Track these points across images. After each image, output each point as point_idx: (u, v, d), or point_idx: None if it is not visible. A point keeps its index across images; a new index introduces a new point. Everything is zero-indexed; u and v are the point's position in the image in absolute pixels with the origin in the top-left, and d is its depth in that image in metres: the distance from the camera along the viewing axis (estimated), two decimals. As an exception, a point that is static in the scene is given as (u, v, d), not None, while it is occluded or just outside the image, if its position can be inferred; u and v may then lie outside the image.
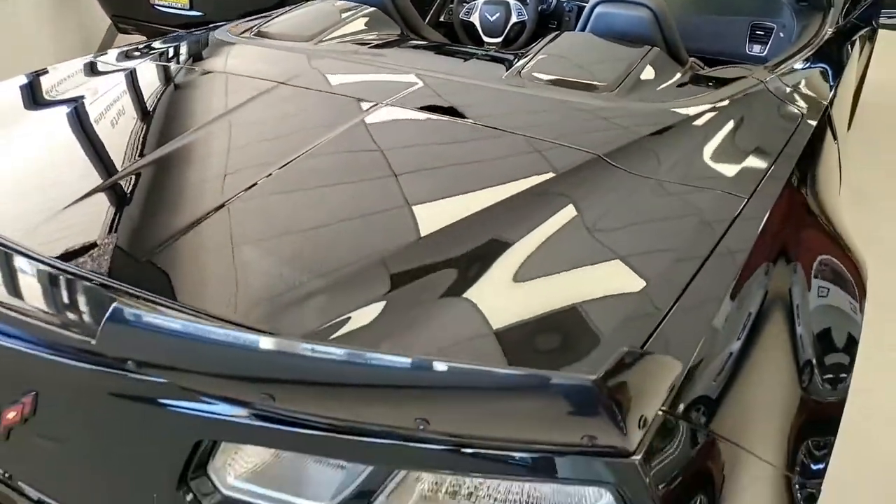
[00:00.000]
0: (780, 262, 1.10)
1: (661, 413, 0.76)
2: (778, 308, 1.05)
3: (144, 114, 1.46)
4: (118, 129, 1.37)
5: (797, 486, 1.00)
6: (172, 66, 1.70)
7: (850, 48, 2.22)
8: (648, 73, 1.51)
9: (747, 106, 1.44)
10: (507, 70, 1.58)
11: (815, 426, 1.05)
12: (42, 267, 0.96)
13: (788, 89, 1.59)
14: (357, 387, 0.70)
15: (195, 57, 1.77)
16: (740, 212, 1.09)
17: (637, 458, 0.71)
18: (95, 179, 1.20)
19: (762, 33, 2.43)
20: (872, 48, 3.47)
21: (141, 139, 1.32)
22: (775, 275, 1.07)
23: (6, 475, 1.01)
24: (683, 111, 1.38)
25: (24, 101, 1.54)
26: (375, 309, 0.89)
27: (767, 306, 1.02)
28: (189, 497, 0.86)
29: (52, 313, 0.90)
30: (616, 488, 0.72)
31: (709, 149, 1.27)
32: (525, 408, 0.67)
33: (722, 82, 1.56)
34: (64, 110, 1.45)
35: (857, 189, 3.18)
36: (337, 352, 0.69)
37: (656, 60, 1.56)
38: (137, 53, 1.79)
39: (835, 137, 1.67)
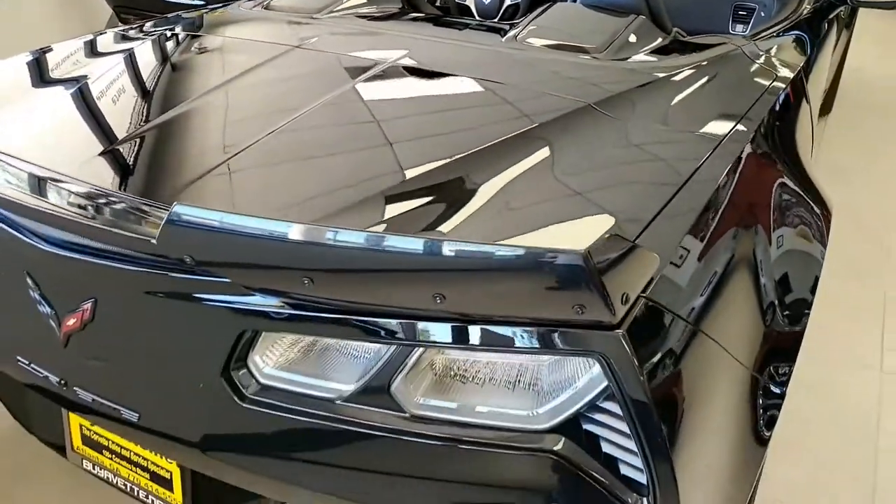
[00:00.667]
0: (747, 201, 1.23)
1: (642, 297, 0.88)
2: (744, 236, 1.18)
3: (175, 71, 1.60)
4: (155, 84, 1.51)
5: (761, 392, 1.13)
6: (200, 33, 1.85)
7: (826, 25, 2.36)
8: (633, 38, 1.65)
9: (722, 66, 1.57)
10: (503, 37, 1.71)
11: (777, 353, 1.19)
12: (102, 190, 1.09)
13: (763, 54, 1.72)
14: (384, 270, 0.83)
15: (215, 26, 1.90)
16: (713, 151, 1.22)
17: (620, 331, 0.84)
18: (141, 122, 1.34)
19: (744, 13, 2.57)
20: (852, 30, 3.62)
21: (175, 91, 1.45)
22: (742, 211, 1.20)
23: (62, 382, 1.13)
24: (664, 69, 1.52)
25: (78, 61, 1.67)
26: (403, 209, 1.03)
27: (735, 234, 1.15)
28: (231, 385, 0.98)
29: (112, 226, 1.03)
30: (601, 357, 0.84)
31: (687, 100, 1.40)
32: (524, 280, 0.79)
33: (701, 48, 1.69)
34: (108, 68, 1.60)
35: (834, 164, 3.34)
36: (366, 237, 0.81)
37: (641, 27, 1.69)
38: (161, 26, 1.92)
39: (808, 102, 1.80)
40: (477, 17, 2.78)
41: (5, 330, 1.21)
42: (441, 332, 0.87)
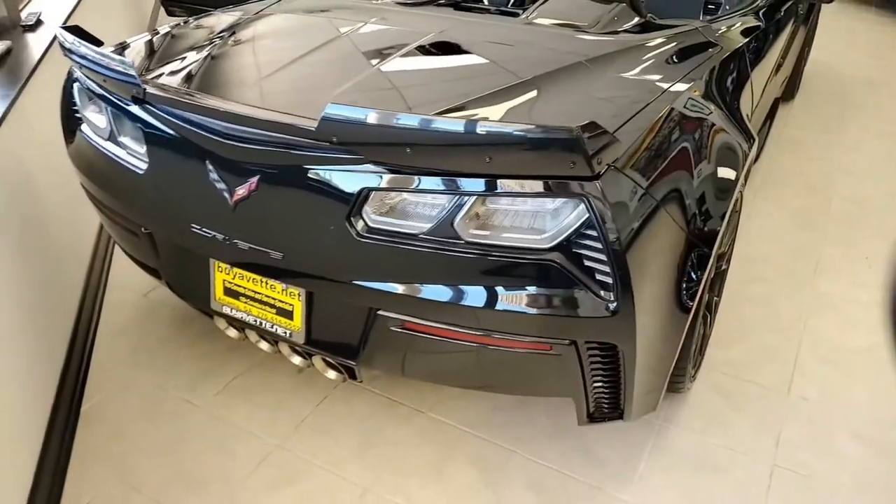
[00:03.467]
0: (685, 125, 1.78)
1: (611, 165, 1.43)
2: (681, 146, 1.73)
3: (286, 35, 2.22)
4: (281, 39, 2.17)
5: (689, 263, 1.67)
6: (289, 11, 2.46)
7: (778, 14, 2.91)
8: (615, 19, 2.20)
9: (681, 39, 2.14)
10: (517, 18, 2.27)
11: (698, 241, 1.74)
12: (270, 112, 1.64)
13: (715, 32, 2.28)
14: (457, 144, 1.38)
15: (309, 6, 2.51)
16: (664, 91, 1.77)
17: (598, 182, 1.38)
18: (282, 62, 1.95)
19: (713, 6, 3.13)
20: (812, 25, 4.18)
21: (297, 44, 2.07)
22: (681, 130, 1.75)
23: (227, 238, 1.68)
24: (636, 40, 2.08)
25: (211, 31, 2.27)
26: (471, 111, 1.64)
27: (673, 143, 1.71)
28: (350, 227, 1.53)
29: (280, 121, 1.59)
30: (585, 198, 1.39)
31: (651, 59, 1.97)
32: (540, 146, 1.34)
33: (667, 27, 2.25)
34: (243, 31, 2.23)
35: (792, 138, 3.89)
36: (448, 122, 1.36)
37: (622, 11, 2.25)
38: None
39: (749, 68, 2.36)
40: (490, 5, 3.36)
41: (184, 206, 1.76)
42: (486, 185, 1.43)
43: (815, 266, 2.84)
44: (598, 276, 1.46)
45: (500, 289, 1.48)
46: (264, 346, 1.98)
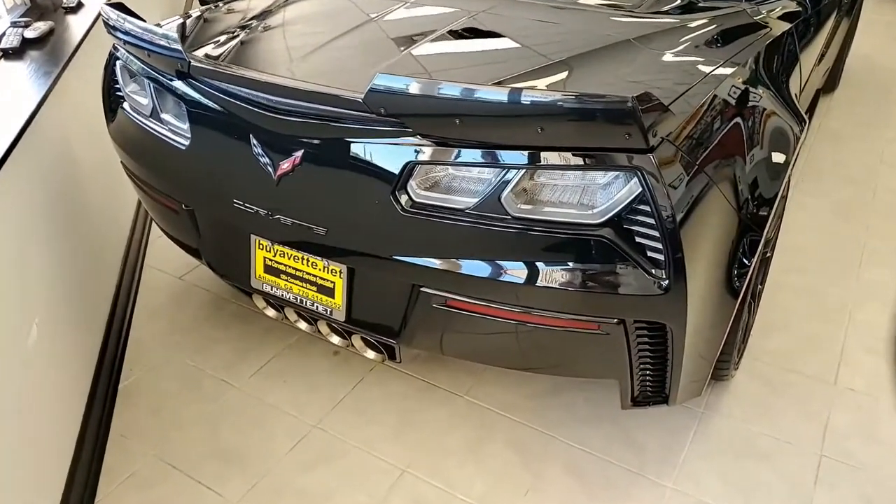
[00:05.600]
0: (739, 111, 1.73)
1: (666, 139, 1.39)
2: (732, 122, 1.69)
3: (329, 14, 2.20)
4: (327, 16, 2.15)
5: (742, 244, 1.63)
6: None
7: (825, 1, 2.84)
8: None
9: (727, 19, 2.09)
10: (561, -1, 2.24)
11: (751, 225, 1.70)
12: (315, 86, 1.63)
13: (762, 14, 2.23)
14: (510, 114, 1.35)
15: None
16: (714, 70, 1.73)
17: (653, 155, 1.35)
18: (326, 38, 1.94)
19: None
20: (855, 17, 4.09)
21: (342, 21, 2.06)
22: (734, 116, 1.71)
23: (270, 213, 1.67)
24: (681, 20, 2.03)
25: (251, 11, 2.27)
26: (523, 81, 1.62)
27: (724, 118, 1.66)
28: (395, 201, 1.51)
29: (327, 93, 1.57)
30: (638, 171, 1.36)
31: (700, 39, 1.92)
32: (595, 117, 1.31)
33: (712, 8, 2.19)
34: (287, 11, 2.22)
35: (834, 131, 3.81)
36: (498, 91, 1.33)
37: (666, -8, 2.21)
38: None
39: (798, 50, 2.30)
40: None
41: (227, 182, 1.75)
42: (535, 158, 1.40)
43: (858, 257, 2.76)
44: (650, 254, 1.42)
45: (547, 265, 1.45)
46: (303, 325, 1.97)
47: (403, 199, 1.53)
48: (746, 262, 1.66)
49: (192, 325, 2.40)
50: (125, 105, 2.04)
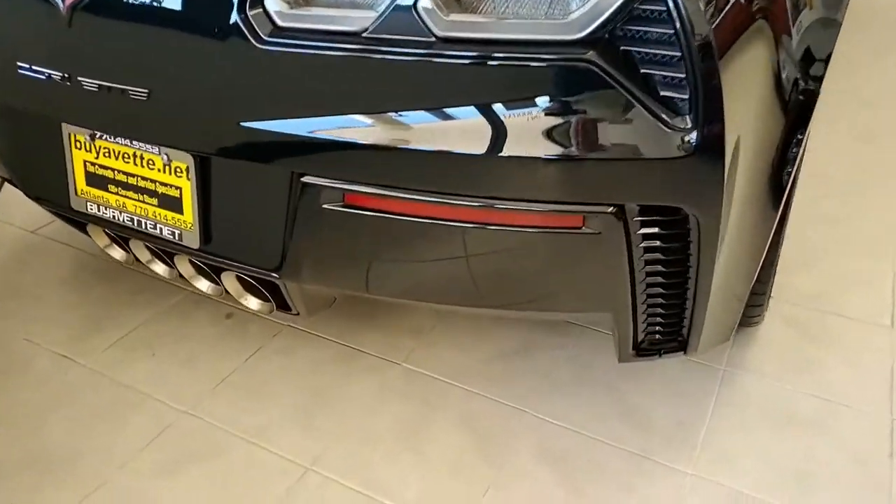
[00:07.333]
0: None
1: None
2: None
3: None
4: None
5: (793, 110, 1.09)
6: None
7: None
8: None
9: None
10: None
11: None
12: None
13: None
14: None
15: None
16: None
17: None
18: None
19: None
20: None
21: None
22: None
23: (66, 78, 1.08)
24: None
25: None
26: None
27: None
28: (247, 27, 0.94)
29: None
30: None
31: None
32: None
33: None
34: None
35: (845, 55, 3.34)
36: None
37: None
38: None
39: None
40: None
41: (4, 38, 1.16)
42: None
43: (891, 182, 2.26)
44: (666, 90, 0.86)
45: (494, 118, 0.88)
46: (159, 267, 1.38)
47: (259, 22, 0.94)
48: (792, 153, 1.12)
49: (37, 289, 1.78)
50: None
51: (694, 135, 0.86)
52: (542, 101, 0.87)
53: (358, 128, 0.92)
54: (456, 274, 1.06)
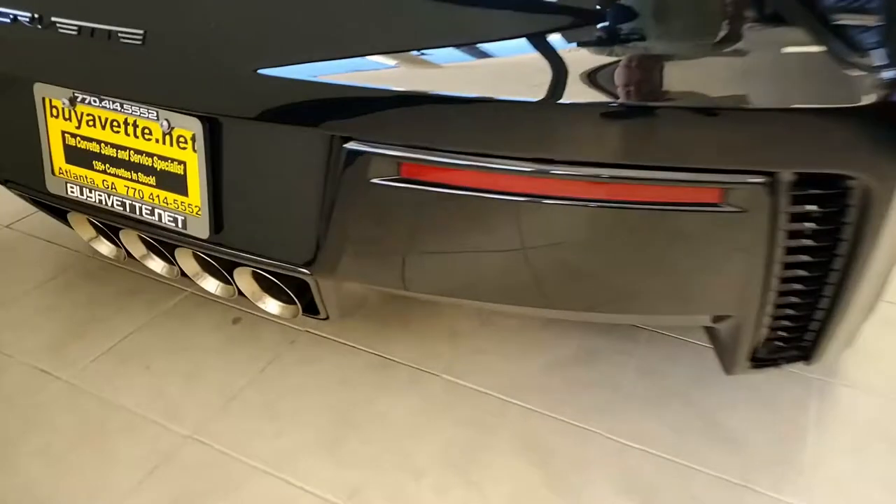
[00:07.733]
0: None
1: None
2: None
3: None
4: None
5: None
6: None
7: None
8: None
9: None
10: None
11: None
12: None
13: None
14: None
15: None
16: None
17: None
18: None
19: None
20: None
21: None
22: None
23: (36, 20, 0.84)
24: None
25: None
26: None
27: None
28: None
29: None
30: None
31: None
32: None
33: None
34: None
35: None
36: None
37: None
38: None
39: None
40: None
41: None
42: None
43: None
44: (847, 16, 0.65)
45: (601, 72, 0.67)
46: (156, 264, 1.15)
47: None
48: None
49: (10, 291, 1.55)
50: None
51: (887, 75, 0.64)
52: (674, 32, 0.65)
53: (435, 68, 0.69)
54: (543, 269, 0.83)
